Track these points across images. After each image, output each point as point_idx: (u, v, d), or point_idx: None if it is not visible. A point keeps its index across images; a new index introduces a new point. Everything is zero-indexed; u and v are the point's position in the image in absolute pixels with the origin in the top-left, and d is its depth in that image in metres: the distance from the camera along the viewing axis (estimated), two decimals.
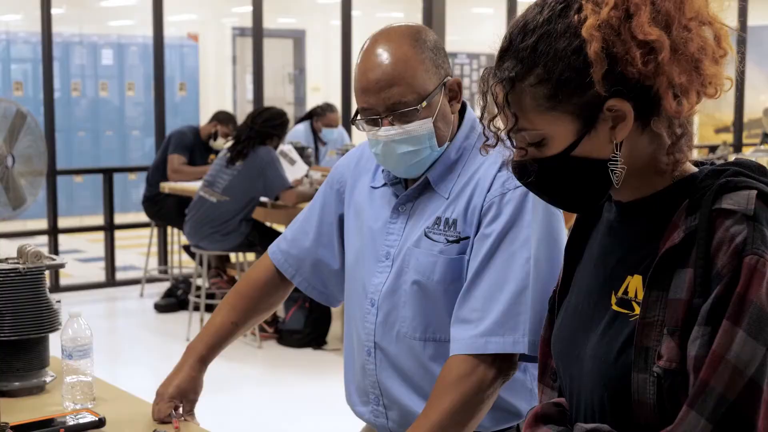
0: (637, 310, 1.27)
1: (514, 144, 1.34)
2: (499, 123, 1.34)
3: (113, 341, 6.83)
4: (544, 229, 1.79)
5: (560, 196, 1.36)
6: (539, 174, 1.32)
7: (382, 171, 1.98)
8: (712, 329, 1.18)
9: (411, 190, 1.91)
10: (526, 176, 1.34)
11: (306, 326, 6.21)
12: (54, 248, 8.02)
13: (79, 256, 10.04)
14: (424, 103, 1.82)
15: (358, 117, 1.88)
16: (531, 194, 1.77)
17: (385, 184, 1.97)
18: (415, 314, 1.86)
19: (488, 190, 1.83)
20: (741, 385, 1.16)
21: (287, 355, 6.13)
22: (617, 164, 1.28)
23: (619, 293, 1.31)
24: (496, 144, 1.38)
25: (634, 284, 1.30)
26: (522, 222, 1.79)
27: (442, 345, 1.86)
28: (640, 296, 1.27)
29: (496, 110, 1.32)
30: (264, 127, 6.24)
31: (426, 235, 1.86)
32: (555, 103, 1.28)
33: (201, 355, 2.12)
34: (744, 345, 1.16)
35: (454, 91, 1.89)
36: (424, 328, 1.86)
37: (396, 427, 1.92)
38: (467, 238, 1.83)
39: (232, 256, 7.12)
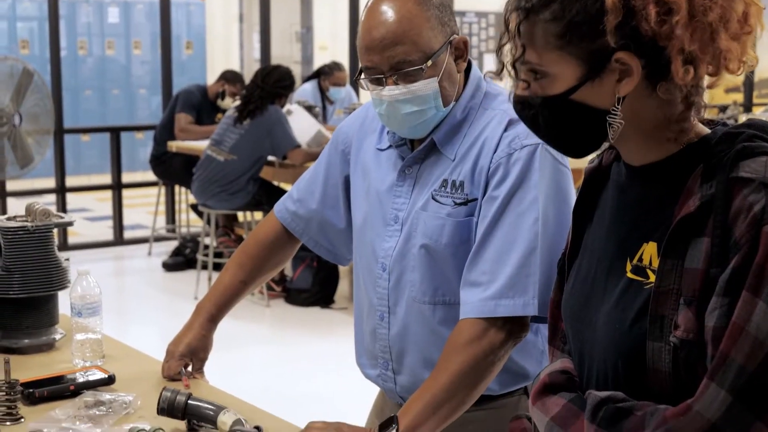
0: (652, 277, 1.25)
1: (519, 76, 1.33)
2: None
3: (122, 300, 6.85)
4: (552, 188, 1.78)
5: (555, 138, 1.35)
6: (538, 111, 1.32)
7: (387, 132, 1.96)
8: (730, 300, 1.17)
9: (416, 152, 1.90)
10: (525, 111, 1.34)
11: (314, 285, 6.23)
12: (62, 207, 8.03)
13: (87, 215, 10.06)
14: (430, 62, 1.79)
15: (362, 76, 1.86)
16: (538, 153, 1.76)
17: (390, 146, 1.96)
18: (424, 278, 1.86)
19: (495, 151, 1.81)
20: (761, 357, 1.14)
21: (295, 313, 6.15)
22: (616, 118, 1.27)
23: (634, 260, 1.30)
24: (501, 72, 1.37)
25: (649, 251, 1.28)
26: (529, 182, 1.77)
27: (451, 308, 1.85)
28: (655, 264, 1.26)
29: (507, 38, 1.32)
30: (274, 87, 6.22)
31: (433, 198, 1.85)
32: (564, 43, 1.26)
33: (211, 314, 2.12)
34: (764, 316, 1.15)
35: (460, 50, 1.86)
36: (434, 291, 1.85)
37: (404, 393, 1.92)
38: (475, 200, 1.82)
39: (240, 215, 7.12)
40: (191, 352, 2.08)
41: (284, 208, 2.14)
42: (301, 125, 6.40)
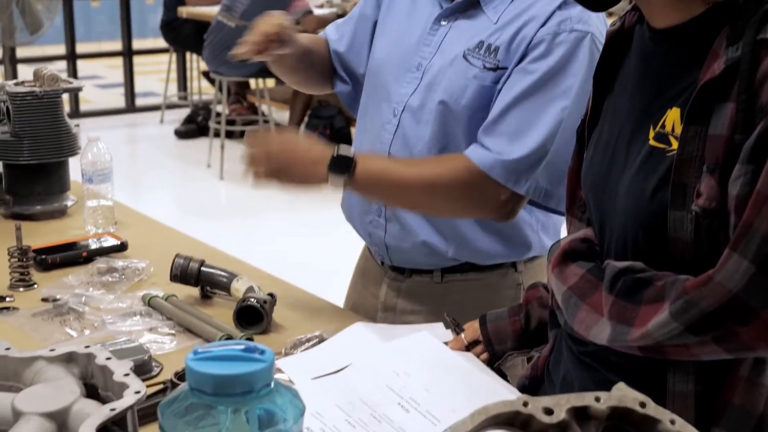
0: (675, 145, 1.21)
1: None
2: None
3: (134, 167, 6.85)
4: (586, 84, 1.70)
5: None
6: None
7: None
8: (755, 168, 1.12)
9: (457, 4, 1.80)
10: None
11: None
12: (73, 74, 7.97)
13: (99, 82, 9.99)
14: None
15: None
16: (586, 42, 1.68)
17: None
18: (434, 134, 1.80)
19: (542, 25, 1.72)
20: None
21: None
22: None
23: (657, 127, 1.25)
24: None
25: (672, 117, 1.23)
26: (569, 69, 1.69)
27: None
28: (678, 130, 1.21)
29: None
30: None
31: (464, 57, 1.77)
32: None
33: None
34: None
35: None
36: (440, 150, 1.80)
37: (392, 241, 1.88)
38: (505, 68, 1.74)
39: (252, 82, 7.05)
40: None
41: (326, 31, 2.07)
42: None
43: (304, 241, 5.06)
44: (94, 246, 2.03)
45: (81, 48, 8.29)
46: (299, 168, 1.74)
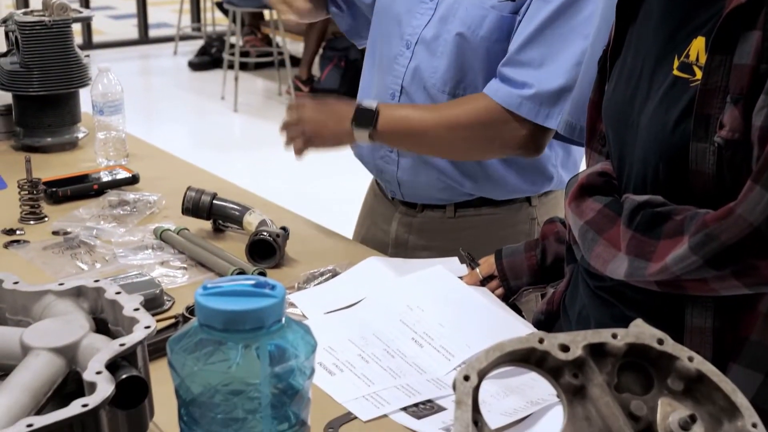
0: (699, 75, 1.17)
1: None
2: None
3: (147, 99, 6.82)
4: (610, 11, 1.64)
5: None
6: None
7: None
8: None
9: None
10: None
11: (341, 85, 6.16)
12: (85, 4, 7.90)
13: (111, 13, 9.91)
14: None
15: None
16: None
17: None
18: (450, 67, 1.75)
19: None
20: None
21: None
22: None
23: (682, 57, 1.21)
24: None
25: (697, 47, 1.19)
26: None
27: None
28: (703, 60, 1.17)
29: None
30: None
31: None
32: None
33: None
34: None
35: None
36: (456, 83, 1.76)
37: (404, 176, 1.85)
38: None
39: (266, 13, 6.98)
40: None
41: None
42: None
43: (318, 175, 5.03)
44: (105, 178, 2.02)
45: None
46: (329, 129, 1.78)
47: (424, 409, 1.21)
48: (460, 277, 1.55)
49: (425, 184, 1.82)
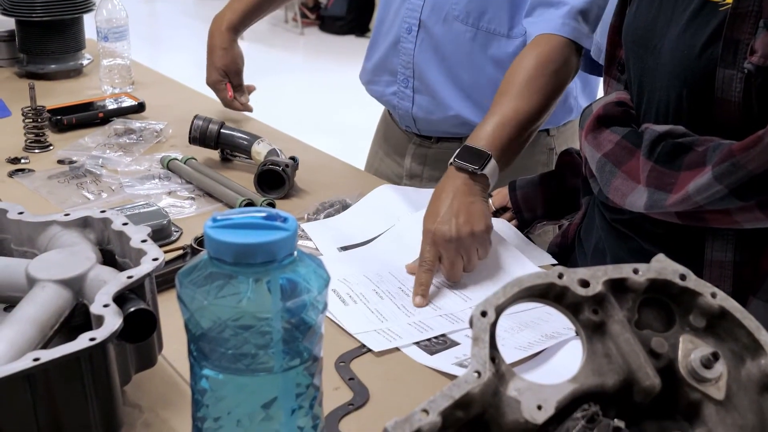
0: None
1: None
2: None
3: (153, 26, 6.74)
4: None
5: None
6: None
7: None
8: None
9: None
10: None
11: (349, 12, 6.07)
12: None
13: None
14: None
15: None
16: None
17: None
18: None
19: None
20: None
21: (329, 42, 6.03)
22: None
23: None
24: None
25: None
26: None
27: (493, 38, 1.71)
28: None
29: None
30: None
31: None
32: None
33: (231, 24, 1.99)
34: None
35: None
36: (479, 14, 1.70)
37: (419, 113, 1.80)
38: None
39: None
40: (226, 72, 1.98)
41: None
42: None
43: (326, 103, 4.99)
44: (110, 106, 1.98)
45: None
46: (471, 226, 1.39)
47: (436, 343, 1.19)
48: None
49: (442, 121, 1.78)
